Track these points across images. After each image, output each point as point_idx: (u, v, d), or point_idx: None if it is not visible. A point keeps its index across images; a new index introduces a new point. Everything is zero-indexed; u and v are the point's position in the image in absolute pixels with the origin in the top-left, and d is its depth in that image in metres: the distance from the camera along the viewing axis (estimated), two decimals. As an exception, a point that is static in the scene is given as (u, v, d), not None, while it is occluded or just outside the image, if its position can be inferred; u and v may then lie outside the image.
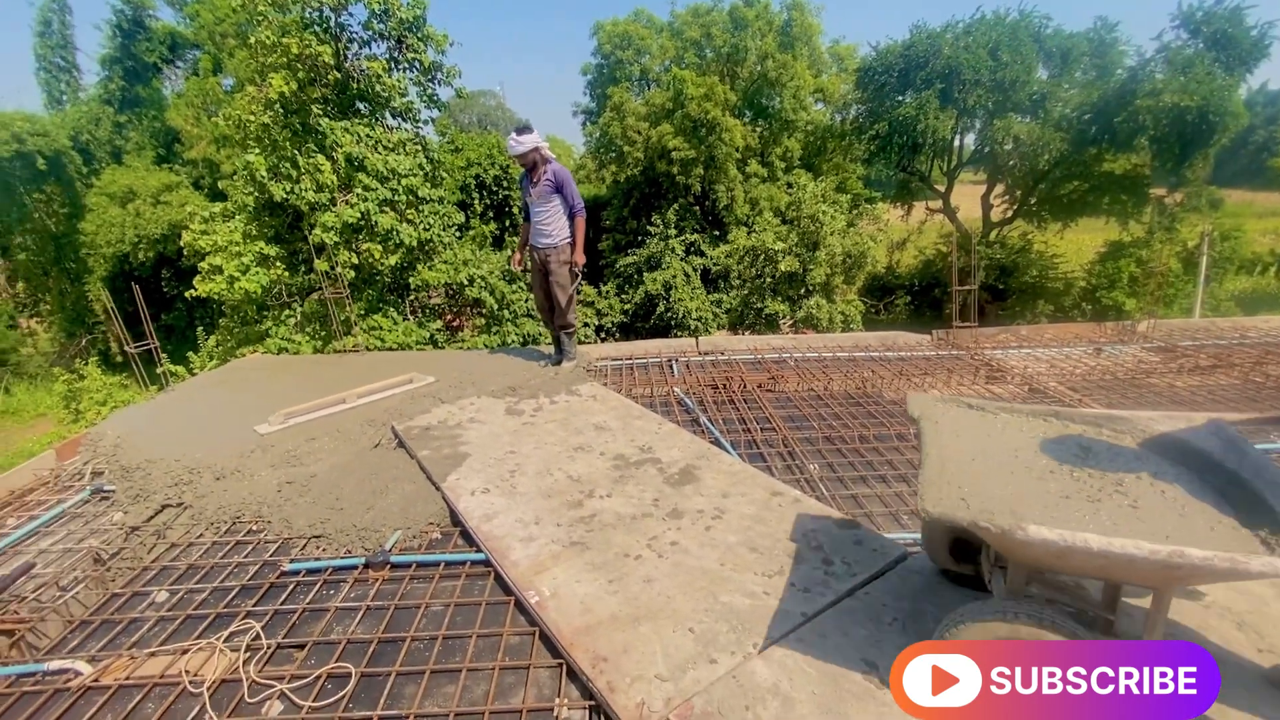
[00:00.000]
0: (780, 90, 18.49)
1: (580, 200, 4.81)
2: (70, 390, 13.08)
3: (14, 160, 15.65)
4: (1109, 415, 2.06)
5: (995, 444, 2.05)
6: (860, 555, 2.48)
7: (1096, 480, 1.83)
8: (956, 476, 1.84)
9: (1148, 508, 1.71)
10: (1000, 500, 1.75)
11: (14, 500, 3.61)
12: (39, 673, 2.22)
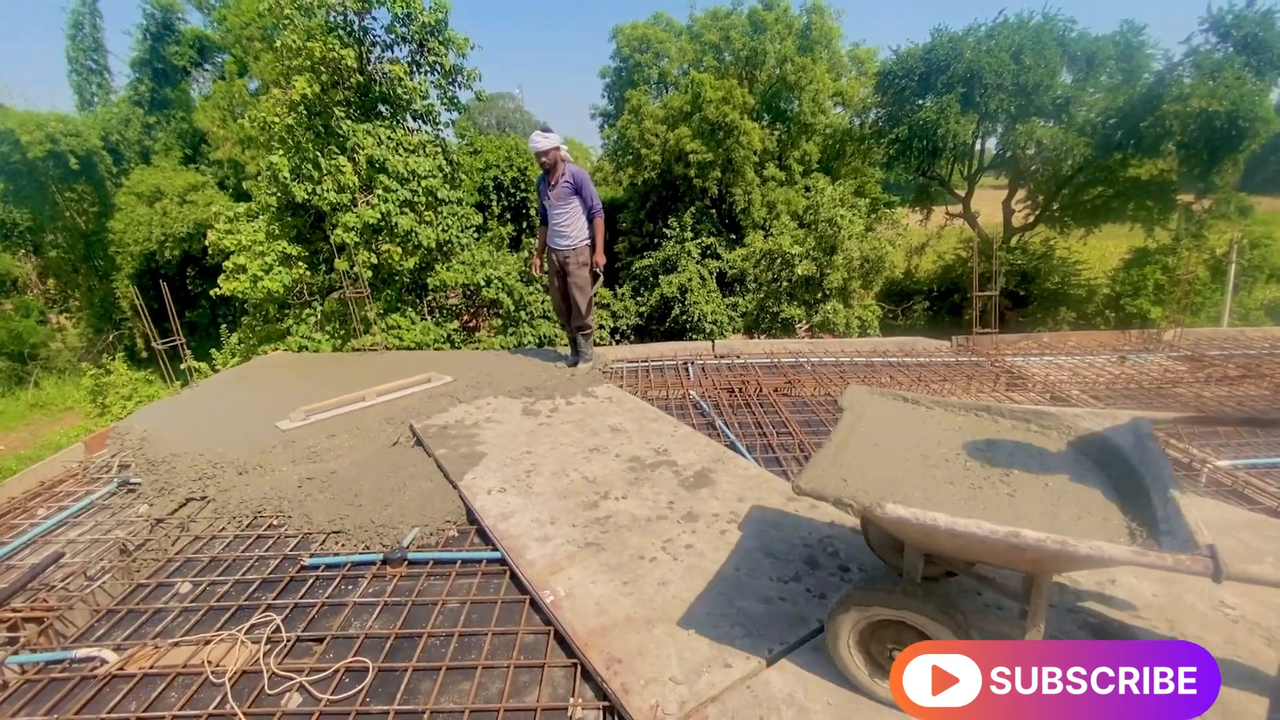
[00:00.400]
0: (799, 94, 18.43)
1: (599, 201, 4.83)
2: (97, 385, 13.39)
3: (47, 160, 16.07)
4: (1037, 411, 2.11)
5: (906, 435, 2.14)
6: (878, 562, 2.46)
7: (985, 471, 1.92)
8: (850, 461, 1.94)
9: (1024, 496, 1.79)
10: (881, 484, 1.83)
11: (44, 491, 3.70)
12: (66, 660, 2.27)
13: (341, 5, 10.05)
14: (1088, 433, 2.01)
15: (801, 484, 1.77)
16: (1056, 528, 1.63)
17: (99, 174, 17.50)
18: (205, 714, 1.97)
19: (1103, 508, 1.71)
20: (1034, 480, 1.86)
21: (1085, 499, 1.76)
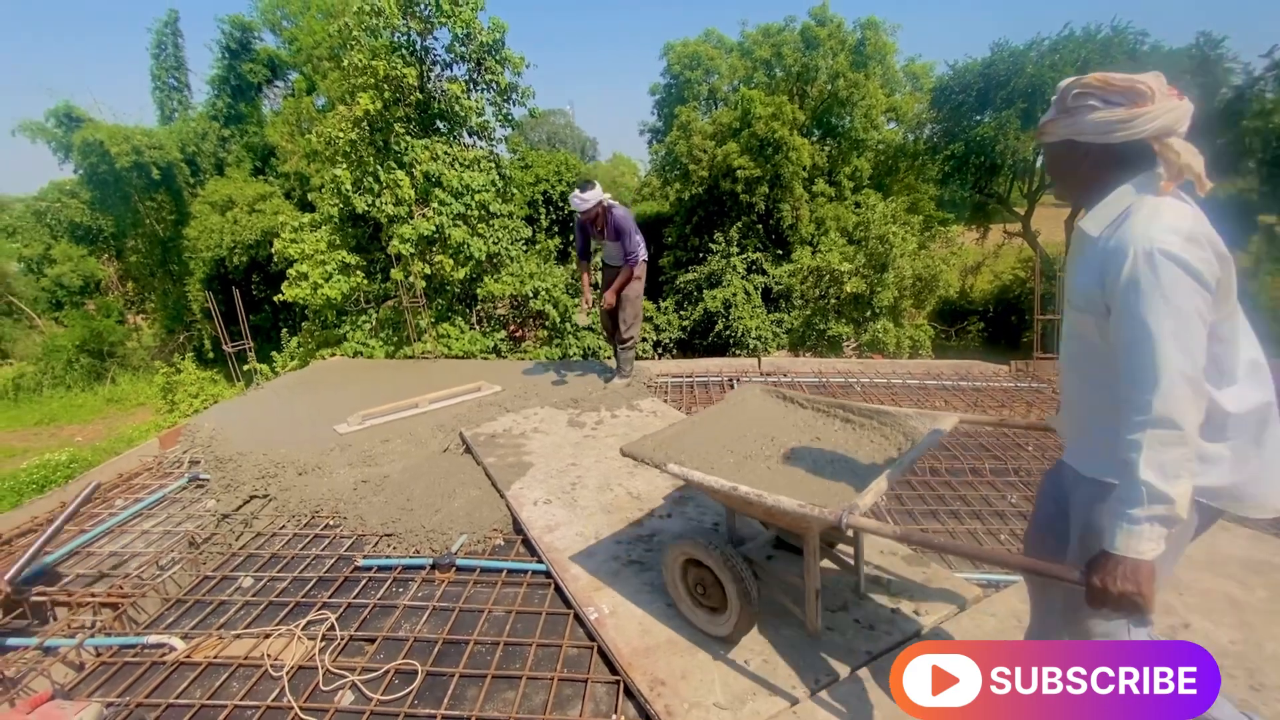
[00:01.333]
0: (851, 109, 18.20)
1: (638, 249, 4.67)
2: (168, 382, 14.19)
3: (132, 170, 17.22)
4: (879, 410, 2.39)
5: (750, 421, 2.51)
6: (929, 593, 2.38)
7: (784, 450, 2.31)
8: (682, 438, 2.37)
9: (795, 469, 2.18)
10: (692, 455, 2.23)
11: (122, 483, 3.94)
12: (139, 645, 2.40)
13: (405, 26, 10.48)
14: (910, 429, 2.25)
15: (624, 448, 2.25)
16: (801, 493, 1.90)
17: (177, 184, 18.65)
18: (264, 706, 2.05)
19: (857, 482, 1.97)
20: (815, 457, 2.22)
21: (852, 475, 2.05)
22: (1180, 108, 1.27)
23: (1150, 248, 1.20)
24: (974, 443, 4.07)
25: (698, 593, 2.22)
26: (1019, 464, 3.74)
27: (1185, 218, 1.25)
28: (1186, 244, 1.20)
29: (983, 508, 3.30)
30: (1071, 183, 1.44)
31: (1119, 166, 1.33)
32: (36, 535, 3.37)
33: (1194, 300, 1.19)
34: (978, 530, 3.11)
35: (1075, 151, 1.37)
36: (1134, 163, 1.32)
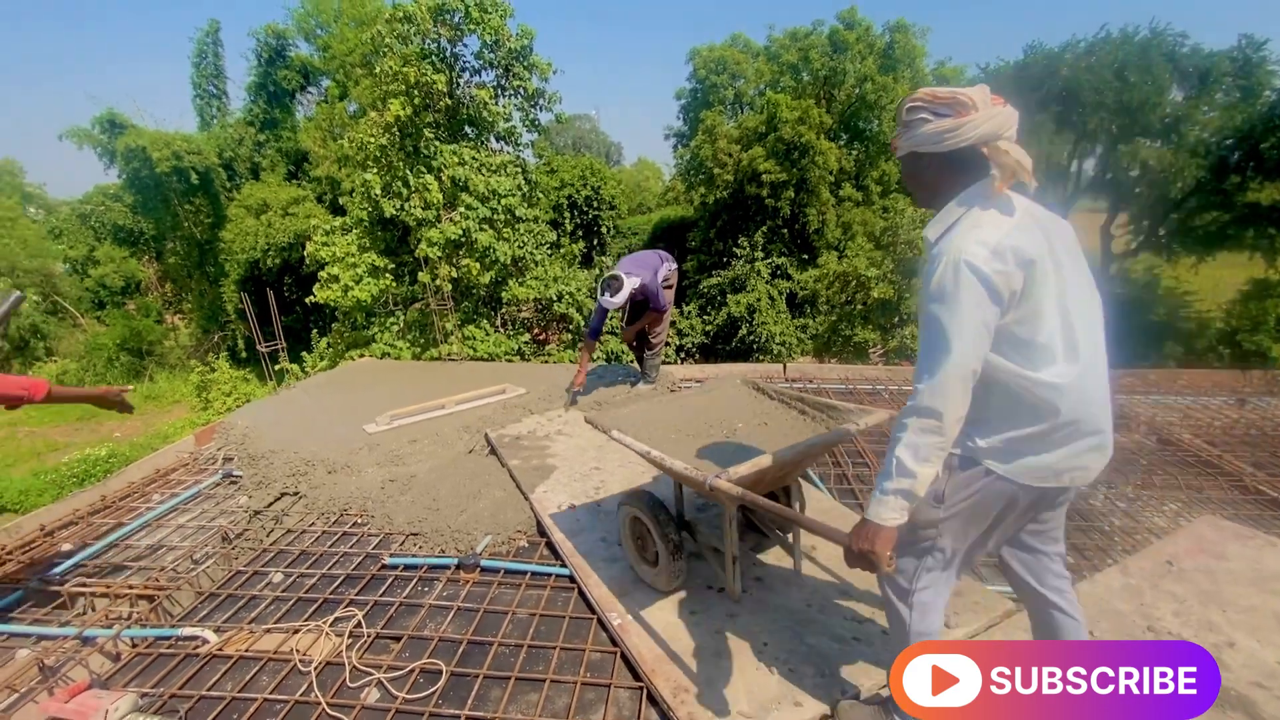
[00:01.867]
0: (879, 113, 18.01)
1: (663, 303, 4.62)
2: (203, 381, 14.59)
3: (172, 175, 17.79)
4: (829, 404, 2.58)
5: (716, 408, 2.80)
6: (960, 606, 2.33)
7: (731, 432, 2.58)
8: (646, 414, 2.72)
9: (726, 447, 2.45)
10: (644, 430, 2.52)
11: (159, 478, 4.05)
12: (173, 637, 2.46)
13: (436, 33, 10.67)
14: (840, 421, 2.45)
15: (587, 416, 2.58)
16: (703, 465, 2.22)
17: (215, 188, 19.22)
18: (292, 700, 2.08)
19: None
20: (756, 440, 2.47)
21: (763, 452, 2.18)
22: (1003, 114, 1.38)
23: (959, 258, 1.32)
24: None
25: (638, 544, 2.51)
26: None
27: (1000, 230, 1.36)
28: (990, 257, 1.32)
29: (1015, 520, 3.21)
30: (921, 190, 1.56)
31: (957, 171, 1.44)
32: (80, 527, 3.48)
33: (982, 311, 1.32)
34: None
35: (919, 162, 1.49)
36: (969, 168, 1.43)
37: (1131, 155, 14.82)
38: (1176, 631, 2.19)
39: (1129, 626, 2.28)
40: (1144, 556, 2.65)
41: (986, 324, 1.34)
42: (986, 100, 1.39)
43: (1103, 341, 1.49)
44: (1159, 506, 3.35)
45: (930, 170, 1.49)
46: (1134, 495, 3.46)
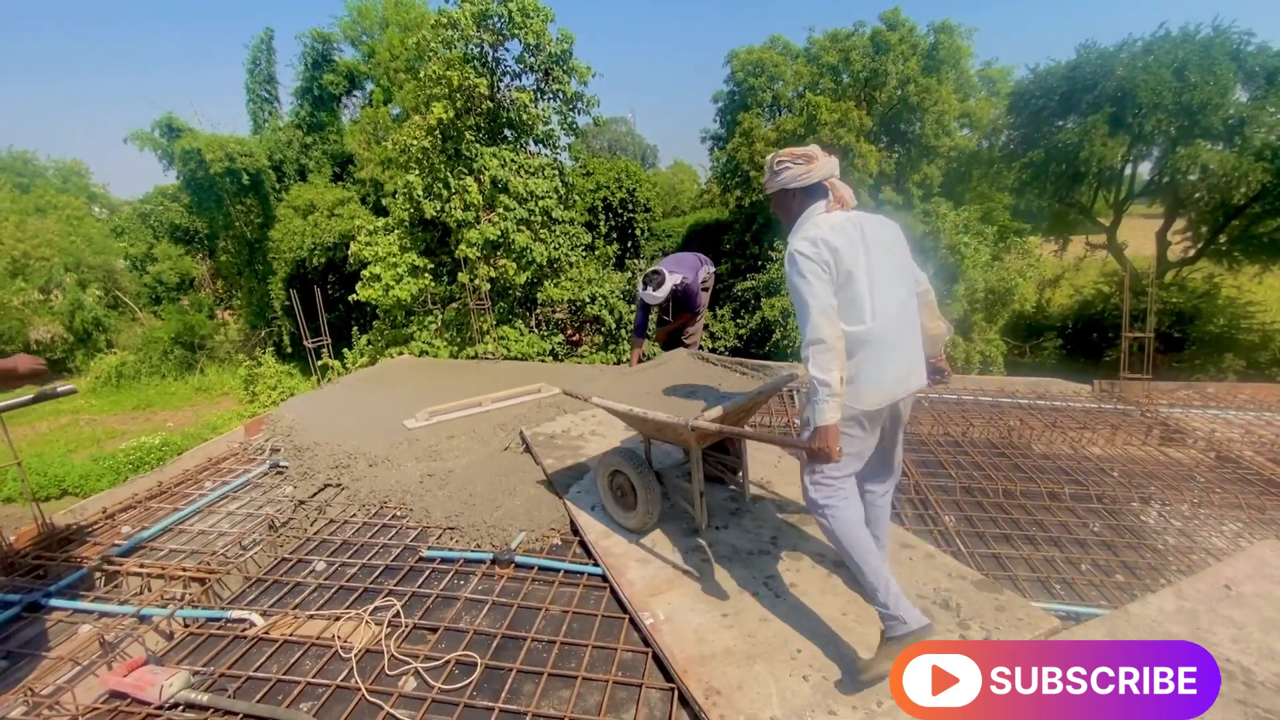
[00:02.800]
0: (921, 115, 17.62)
1: (699, 304, 4.62)
2: (250, 374, 15.14)
3: (225, 176, 18.50)
4: (763, 364, 3.17)
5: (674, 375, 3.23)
6: (1002, 622, 2.26)
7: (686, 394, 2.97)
8: (615, 387, 3.11)
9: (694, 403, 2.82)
10: (619, 395, 2.90)
11: (211, 466, 4.22)
12: (223, 619, 2.56)
13: (479, 38, 10.87)
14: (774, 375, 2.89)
15: (566, 386, 3.10)
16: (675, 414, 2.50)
17: (265, 189, 19.91)
18: (334, 685, 2.15)
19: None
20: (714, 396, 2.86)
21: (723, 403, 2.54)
22: (831, 161, 2.14)
23: (792, 250, 2.04)
24: (1053, 465, 3.85)
25: (617, 495, 2.94)
26: (1102, 490, 3.51)
27: (819, 230, 2.04)
28: (810, 246, 2.00)
29: (1061, 535, 3.11)
30: (785, 212, 2.25)
31: (810, 197, 2.15)
32: (138, 510, 3.65)
33: (815, 274, 1.98)
34: (1055, 558, 2.93)
35: (787, 194, 2.19)
36: (815, 194, 2.15)
37: (1191, 158, 14.14)
38: (1235, 659, 2.09)
39: (1183, 650, 2.18)
40: (1200, 579, 2.53)
41: (820, 279, 1.98)
42: (823, 153, 2.14)
43: (907, 303, 2.17)
44: (1217, 526, 3.20)
45: (793, 200, 2.19)
46: (1190, 513, 3.31)
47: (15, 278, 22.01)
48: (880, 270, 2.07)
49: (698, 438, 2.51)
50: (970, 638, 2.20)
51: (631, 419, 2.64)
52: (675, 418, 2.40)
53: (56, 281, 22.69)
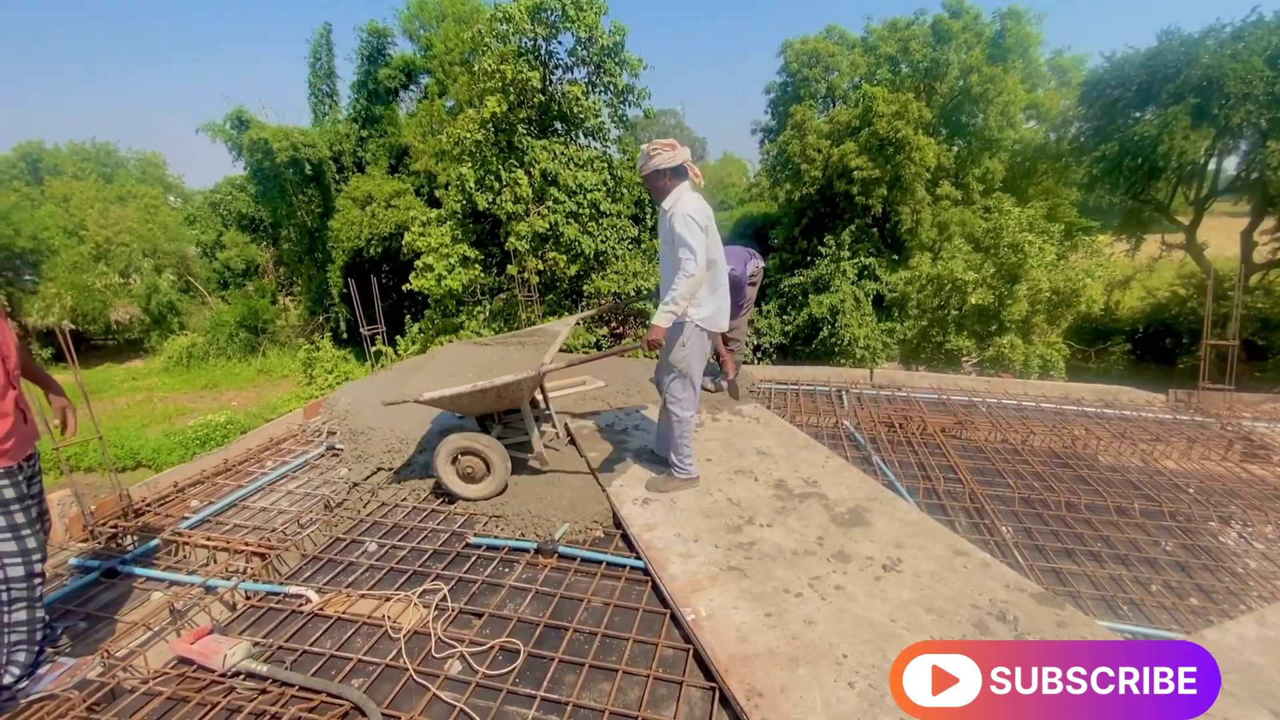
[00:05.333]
0: (985, 106, 16.89)
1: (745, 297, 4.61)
2: (308, 358, 15.77)
3: (289, 166, 19.28)
4: (537, 329, 3.88)
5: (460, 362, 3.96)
6: (1063, 639, 2.15)
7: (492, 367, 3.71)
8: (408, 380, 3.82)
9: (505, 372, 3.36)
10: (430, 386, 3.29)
11: (272, 447, 4.41)
12: (281, 593, 2.67)
13: (533, 32, 10.97)
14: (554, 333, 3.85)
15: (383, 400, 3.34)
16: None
17: (325, 180, 20.66)
18: (383, 664, 2.21)
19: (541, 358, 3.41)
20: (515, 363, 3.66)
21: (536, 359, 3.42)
22: (687, 149, 2.98)
23: (685, 212, 2.86)
24: (1121, 479, 3.64)
25: (463, 473, 3.31)
26: (1176, 507, 3.30)
27: (696, 201, 2.94)
28: (699, 213, 2.88)
29: (1130, 552, 2.94)
30: (661, 190, 3.00)
31: (677, 177, 2.97)
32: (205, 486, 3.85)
33: (699, 232, 2.84)
34: (1122, 577, 2.77)
35: (661, 175, 2.96)
36: (680, 174, 2.97)
37: (1285, 153, 13.11)
38: (1327, 694, 1.93)
39: (1265, 683, 2.04)
40: (1287, 606, 2.35)
41: (701, 239, 2.85)
42: (678, 143, 2.95)
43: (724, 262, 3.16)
44: (1306, 551, 2.97)
45: (665, 179, 2.97)
46: (1275, 536, 3.08)
47: (99, 262, 23.51)
48: (715, 238, 3.05)
49: (532, 388, 3.39)
50: (1027, 655, 2.10)
51: (475, 395, 3.13)
52: (525, 374, 3.12)
53: (135, 266, 24.15)
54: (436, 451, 3.32)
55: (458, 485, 3.34)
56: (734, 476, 3.43)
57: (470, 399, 3.17)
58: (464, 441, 3.27)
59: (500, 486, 3.32)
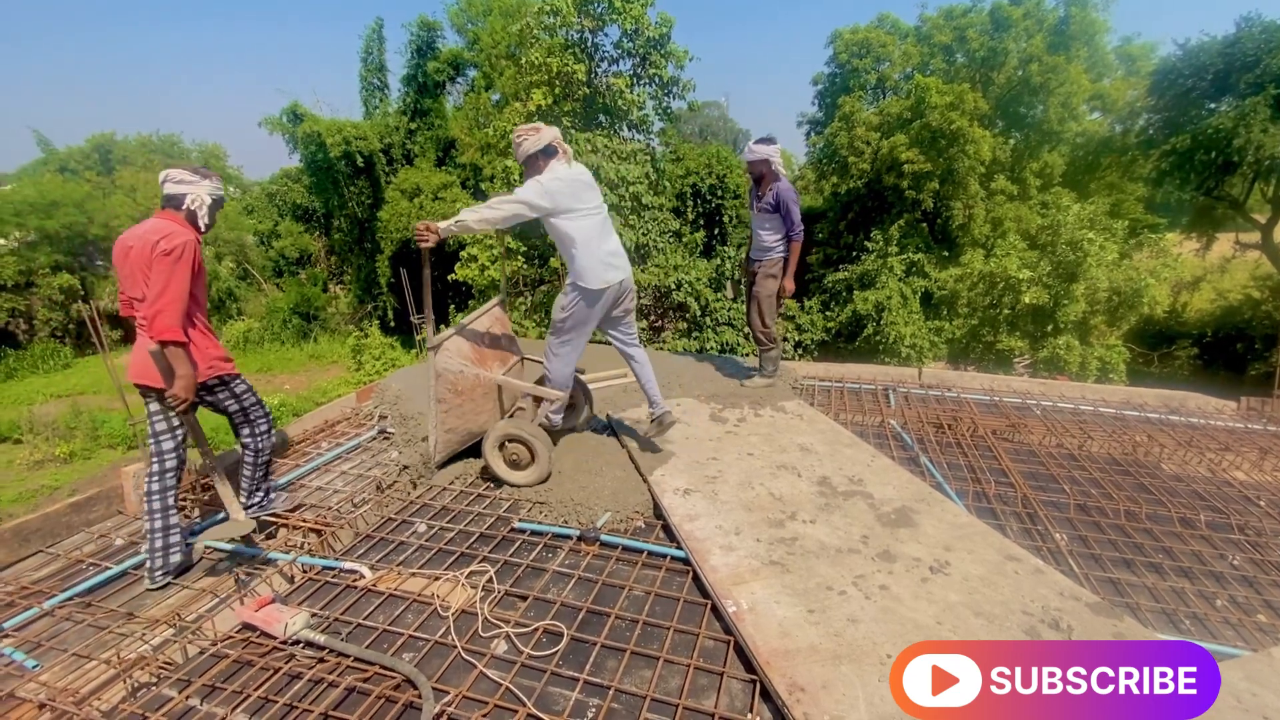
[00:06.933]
0: (1045, 97, 16.20)
1: (799, 225, 4.53)
2: (357, 345, 16.28)
3: (341, 159, 19.89)
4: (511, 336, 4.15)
5: None
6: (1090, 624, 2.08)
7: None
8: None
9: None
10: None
11: (326, 429, 4.59)
12: (337, 568, 2.79)
13: (579, 24, 11.02)
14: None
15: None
16: None
17: (376, 172, 21.24)
18: (433, 640, 2.30)
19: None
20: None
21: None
22: (553, 130, 3.26)
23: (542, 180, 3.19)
24: (1186, 489, 3.48)
25: (512, 460, 3.41)
26: (1245, 520, 3.14)
27: (557, 172, 3.23)
28: (552, 180, 3.18)
29: (1194, 565, 2.81)
30: (532, 170, 3.25)
31: (547, 156, 3.25)
32: (264, 464, 4.03)
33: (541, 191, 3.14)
34: (1185, 590, 2.65)
35: (533, 158, 3.25)
36: (550, 154, 3.26)
37: (1377, 146, 12.21)
38: None
39: (1344, 707, 1.92)
40: (1370, 628, 2.22)
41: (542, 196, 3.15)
42: (544, 125, 3.23)
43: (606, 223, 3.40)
44: (1393, 571, 2.78)
45: (537, 161, 3.24)
46: (1357, 554, 2.90)
47: (165, 249, 24.71)
48: (589, 204, 3.30)
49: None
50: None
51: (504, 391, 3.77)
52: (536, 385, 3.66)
53: (198, 254, 25.29)
54: (485, 437, 3.43)
55: (504, 471, 3.43)
56: (776, 471, 3.42)
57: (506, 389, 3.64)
58: (510, 429, 3.36)
59: (544, 474, 3.39)
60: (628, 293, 3.51)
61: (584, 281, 3.27)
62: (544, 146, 3.21)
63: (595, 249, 3.27)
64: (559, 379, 3.52)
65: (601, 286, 3.29)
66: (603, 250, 3.31)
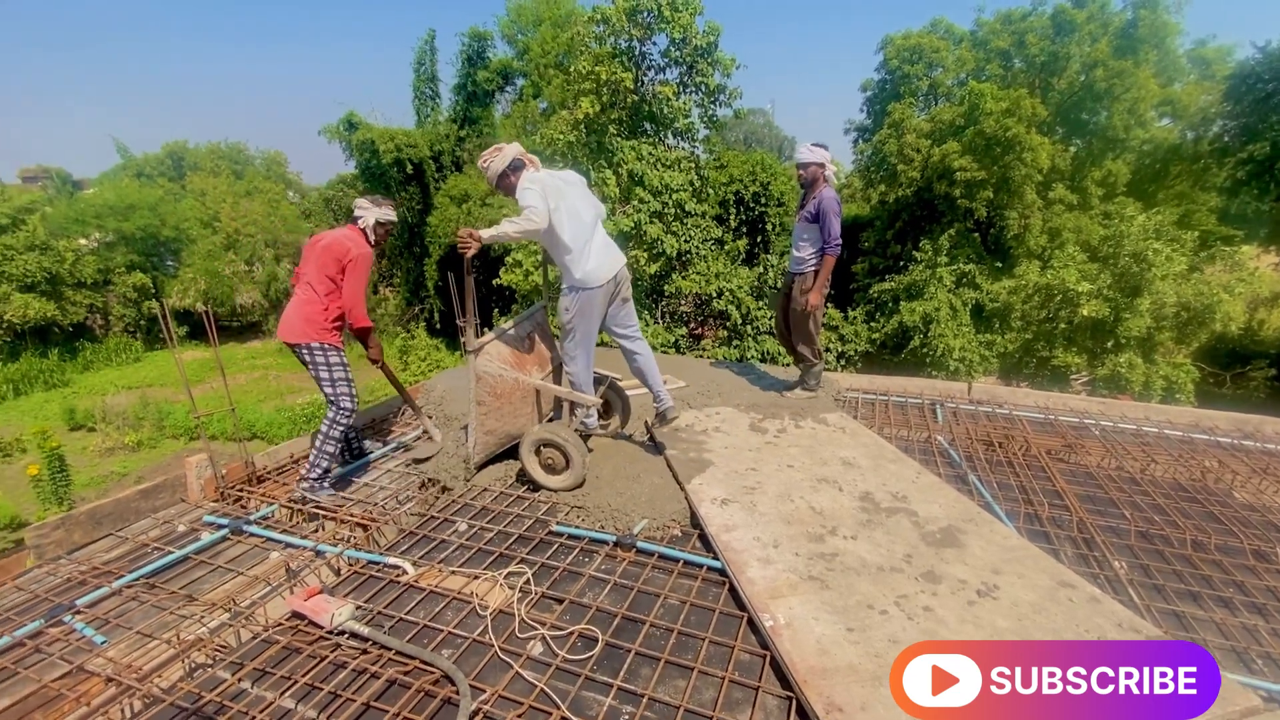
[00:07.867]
0: (1110, 103, 15.52)
1: (836, 238, 4.32)
2: (404, 345, 16.75)
3: (393, 165, 20.59)
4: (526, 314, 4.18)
5: None
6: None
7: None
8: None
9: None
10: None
11: (375, 427, 4.74)
12: (381, 563, 2.87)
13: (628, 33, 11.14)
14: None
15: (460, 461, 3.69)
16: None
17: (426, 178, 21.91)
18: (471, 639, 2.34)
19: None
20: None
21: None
22: (515, 145, 3.41)
23: (523, 186, 3.24)
24: (1261, 519, 3.26)
25: (547, 464, 3.45)
26: (1329, 555, 2.92)
27: (536, 179, 3.28)
28: (531, 183, 3.23)
29: (1269, 602, 2.63)
30: (505, 186, 3.38)
31: (517, 170, 3.36)
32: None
33: (538, 193, 3.18)
34: (1259, 628, 2.49)
35: (504, 177, 3.37)
36: (519, 167, 3.37)
37: None
38: None
39: None
40: None
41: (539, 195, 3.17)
42: (505, 144, 3.38)
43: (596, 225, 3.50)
44: None
45: (509, 178, 3.35)
46: None
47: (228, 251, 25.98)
48: (576, 202, 3.40)
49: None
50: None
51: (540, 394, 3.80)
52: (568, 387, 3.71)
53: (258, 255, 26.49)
54: (522, 442, 3.47)
55: (540, 475, 3.46)
56: (817, 485, 3.36)
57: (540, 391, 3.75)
58: (545, 434, 3.40)
59: (578, 480, 3.41)
60: (624, 282, 3.60)
61: (580, 281, 3.38)
62: (510, 161, 3.32)
63: (586, 246, 3.37)
64: (581, 381, 3.60)
65: (598, 284, 3.39)
66: (593, 246, 3.40)
